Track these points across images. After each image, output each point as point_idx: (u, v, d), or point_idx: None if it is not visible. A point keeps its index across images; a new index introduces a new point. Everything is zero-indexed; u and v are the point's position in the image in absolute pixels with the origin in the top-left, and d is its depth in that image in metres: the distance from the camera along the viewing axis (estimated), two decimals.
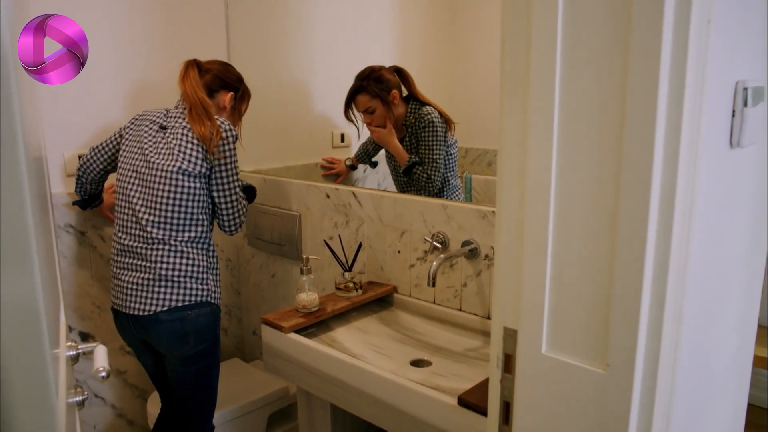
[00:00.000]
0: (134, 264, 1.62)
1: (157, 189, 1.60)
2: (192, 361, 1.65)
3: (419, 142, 1.80)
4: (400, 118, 1.85)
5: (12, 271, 0.46)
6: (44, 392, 0.56)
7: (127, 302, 1.62)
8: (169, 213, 1.59)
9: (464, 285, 1.61)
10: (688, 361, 0.73)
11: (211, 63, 1.76)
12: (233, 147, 1.65)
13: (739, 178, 0.80)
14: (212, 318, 1.66)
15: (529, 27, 0.70)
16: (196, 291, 1.62)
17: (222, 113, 1.76)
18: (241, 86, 1.80)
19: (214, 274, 1.68)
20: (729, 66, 0.69)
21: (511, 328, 0.79)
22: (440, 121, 1.79)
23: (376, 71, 1.83)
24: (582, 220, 0.70)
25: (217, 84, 1.73)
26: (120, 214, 1.67)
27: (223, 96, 1.75)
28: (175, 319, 1.60)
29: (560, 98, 0.69)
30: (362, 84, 1.84)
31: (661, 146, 0.62)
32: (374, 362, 1.41)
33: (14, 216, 0.48)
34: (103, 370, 0.96)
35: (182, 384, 1.68)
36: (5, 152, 0.46)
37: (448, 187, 1.79)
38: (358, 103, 1.86)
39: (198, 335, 1.63)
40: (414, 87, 1.85)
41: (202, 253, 1.64)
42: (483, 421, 1.06)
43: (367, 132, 2.07)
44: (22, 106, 0.61)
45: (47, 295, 0.66)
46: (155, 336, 1.62)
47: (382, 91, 1.81)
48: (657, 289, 0.66)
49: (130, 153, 1.67)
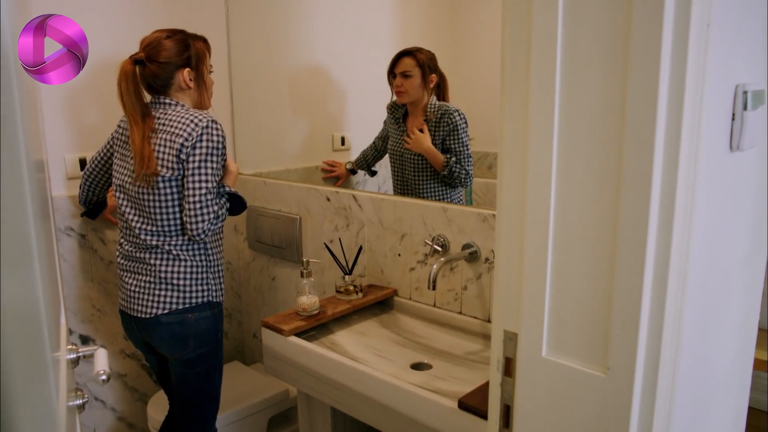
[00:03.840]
0: (136, 267, 1.63)
1: (142, 197, 1.57)
2: (193, 363, 1.65)
3: (448, 136, 1.81)
4: (422, 109, 1.86)
5: (13, 274, 0.46)
6: (45, 395, 0.56)
7: (131, 304, 1.63)
8: (158, 220, 1.57)
9: (464, 288, 1.61)
10: (688, 364, 0.73)
11: (147, 46, 1.56)
12: (211, 142, 1.53)
13: (739, 181, 0.80)
14: (213, 321, 1.65)
15: (529, 31, 0.70)
16: (196, 293, 1.62)
17: (187, 93, 1.61)
18: (190, 52, 1.58)
19: (215, 272, 1.66)
20: (729, 69, 0.69)
21: (512, 332, 0.79)
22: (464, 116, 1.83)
23: (430, 52, 1.87)
24: (582, 224, 0.70)
25: (166, 69, 1.55)
26: (120, 220, 1.68)
27: (179, 77, 1.58)
28: (175, 322, 1.60)
29: (560, 101, 0.69)
30: (414, 50, 1.86)
31: (661, 149, 0.62)
32: (375, 365, 1.41)
33: (15, 218, 0.48)
34: (104, 373, 0.96)
35: (184, 386, 1.68)
36: (6, 155, 0.46)
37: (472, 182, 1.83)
38: (401, 64, 1.87)
39: (198, 338, 1.63)
40: (447, 90, 1.88)
41: (199, 253, 1.62)
42: (483, 425, 1.06)
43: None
44: (24, 107, 0.61)
45: (48, 297, 0.66)
46: (156, 338, 1.62)
47: (426, 66, 1.84)
48: (657, 293, 0.66)
49: (118, 160, 1.65)
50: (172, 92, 1.60)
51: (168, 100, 1.58)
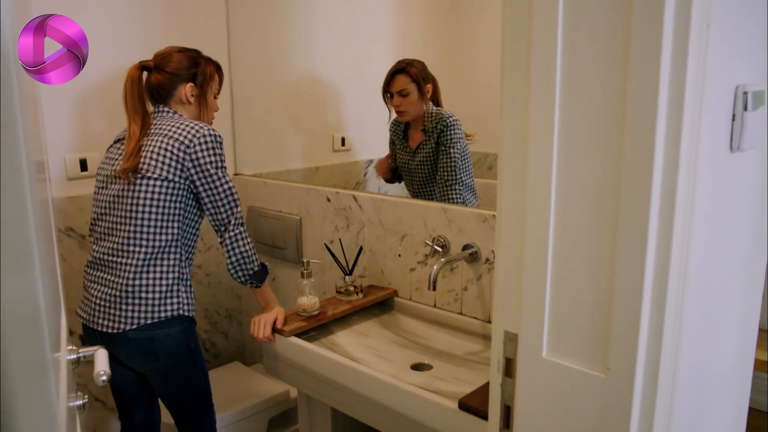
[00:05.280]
0: (103, 278, 1.55)
1: (120, 196, 1.54)
2: (169, 376, 1.60)
3: (442, 144, 1.81)
4: (421, 119, 1.86)
5: (13, 274, 0.46)
6: (45, 396, 0.56)
7: (95, 318, 1.55)
8: (132, 223, 1.51)
9: (465, 289, 1.61)
10: (688, 364, 0.73)
11: (158, 56, 1.60)
12: (216, 149, 1.54)
13: (739, 182, 0.80)
14: (183, 336, 1.57)
15: (529, 30, 0.70)
16: (166, 305, 1.53)
17: (187, 108, 1.62)
18: (197, 69, 1.61)
19: (186, 285, 1.59)
20: (729, 70, 0.69)
21: (512, 332, 0.79)
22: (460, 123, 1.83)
23: (420, 62, 1.86)
24: (583, 224, 0.70)
25: (170, 80, 1.58)
26: (95, 224, 1.62)
27: (181, 90, 1.59)
28: (143, 338, 1.52)
29: (561, 102, 0.69)
30: (405, 66, 1.85)
31: (661, 150, 0.62)
32: (375, 366, 1.41)
33: (15, 219, 0.48)
34: (104, 374, 0.96)
35: (168, 396, 1.65)
36: (7, 155, 0.46)
37: (463, 186, 1.81)
38: (396, 83, 1.86)
39: (168, 354, 1.56)
40: (439, 93, 1.87)
41: (172, 264, 1.55)
42: (484, 425, 1.06)
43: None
44: (24, 108, 0.61)
45: (48, 298, 0.66)
46: (124, 353, 1.56)
47: (420, 78, 1.83)
48: (658, 293, 0.66)
49: (103, 162, 1.64)
50: (172, 104, 1.61)
51: (167, 110, 1.60)
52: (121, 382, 1.67)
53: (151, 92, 1.60)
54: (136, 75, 1.58)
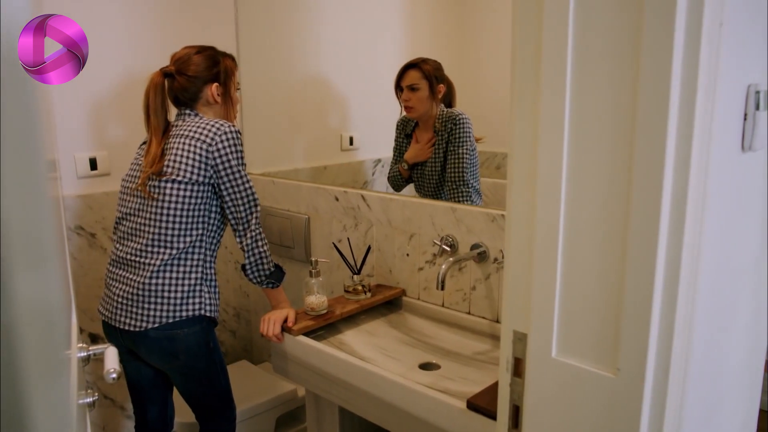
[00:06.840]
0: (125, 277, 1.57)
1: (145, 200, 1.56)
2: (189, 374, 1.62)
3: (451, 142, 1.81)
4: (431, 120, 1.86)
5: (28, 273, 0.46)
6: (58, 392, 0.56)
7: (117, 315, 1.57)
8: (158, 225, 1.53)
9: (473, 288, 1.60)
10: (699, 365, 0.73)
11: (177, 60, 1.60)
12: (237, 146, 1.57)
13: (750, 181, 0.79)
14: (202, 335, 1.59)
15: (539, 30, 0.70)
16: (188, 305, 1.55)
17: (214, 108, 1.65)
18: (219, 68, 1.62)
19: (210, 285, 1.60)
20: (741, 69, 0.69)
21: (521, 332, 0.79)
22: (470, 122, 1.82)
23: (436, 61, 1.85)
24: (593, 224, 0.70)
25: (194, 83, 1.59)
26: (118, 224, 1.64)
27: (207, 91, 1.61)
28: (164, 338, 1.54)
29: (571, 101, 0.69)
30: (419, 62, 1.84)
31: (672, 150, 0.62)
32: (383, 365, 1.41)
33: (31, 219, 0.49)
34: (114, 372, 0.96)
35: (188, 393, 1.67)
36: (23, 156, 0.46)
37: (468, 188, 1.80)
38: (407, 77, 1.85)
39: (188, 353, 1.57)
40: (454, 97, 1.87)
41: (195, 264, 1.57)
42: (492, 425, 1.06)
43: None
44: (39, 108, 0.62)
45: (59, 296, 0.66)
46: (144, 351, 1.58)
47: (433, 76, 1.82)
48: (668, 293, 0.65)
49: (129, 168, 1.66)
50: (198, 106, 1.62)
51: (188, 112, 1.61)
52: (138, 378, 1.70)
53: (175, 96, 1.61)
54: (160, 81, 1.58)
